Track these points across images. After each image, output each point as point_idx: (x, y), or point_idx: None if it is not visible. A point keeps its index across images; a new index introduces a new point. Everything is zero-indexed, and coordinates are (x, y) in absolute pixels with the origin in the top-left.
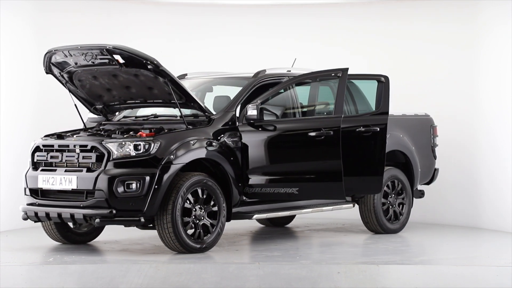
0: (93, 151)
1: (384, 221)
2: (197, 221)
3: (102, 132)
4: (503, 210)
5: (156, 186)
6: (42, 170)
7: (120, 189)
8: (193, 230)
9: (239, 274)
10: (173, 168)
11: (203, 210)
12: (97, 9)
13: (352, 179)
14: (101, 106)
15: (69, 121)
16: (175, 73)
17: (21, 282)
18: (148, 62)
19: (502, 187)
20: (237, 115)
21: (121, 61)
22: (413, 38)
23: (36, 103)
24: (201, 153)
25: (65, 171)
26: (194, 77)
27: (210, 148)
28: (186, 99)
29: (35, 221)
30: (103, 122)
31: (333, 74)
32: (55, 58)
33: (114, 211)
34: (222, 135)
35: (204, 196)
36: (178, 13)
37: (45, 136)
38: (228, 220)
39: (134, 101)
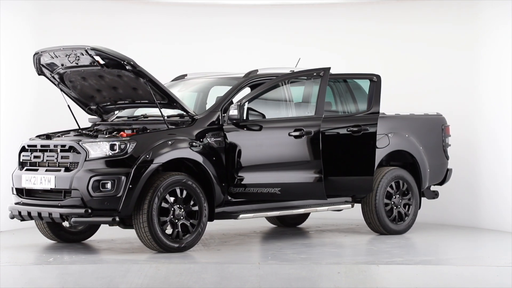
0: (71, 151)
1: (386, 221)
2: (176, 220)
3: (92, 133)
4: (503, 210)
5: (130, 186)
6: (27, 169)
7: (96, 189)
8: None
9: (239, 274)
10: (150, 168)
11: (182, 210)
12: (97, 9)
13: (343, 179)
14: (94, 107)
15: (69, 121)
16: (175, 73)
17: (21, 282)
18: (125, 63)
19: (503, 186)
20: (224, 114)
21: (101, 62)
22: (413, 39)
23: (36, 103)
24: (179, 153)
25: (46, 170)
26: (193, 78)
27: (189, 148)
28: (169, 100)
29: (21, 220)
30: (97, 123)
31: (315, 74)
32: (43, 60)
33: (89, 211)
34: (206, 135)
35: (184, 196)
36: (179, 14)
37: (37, 136)
38: (211, 220)
39: (123, 102)
